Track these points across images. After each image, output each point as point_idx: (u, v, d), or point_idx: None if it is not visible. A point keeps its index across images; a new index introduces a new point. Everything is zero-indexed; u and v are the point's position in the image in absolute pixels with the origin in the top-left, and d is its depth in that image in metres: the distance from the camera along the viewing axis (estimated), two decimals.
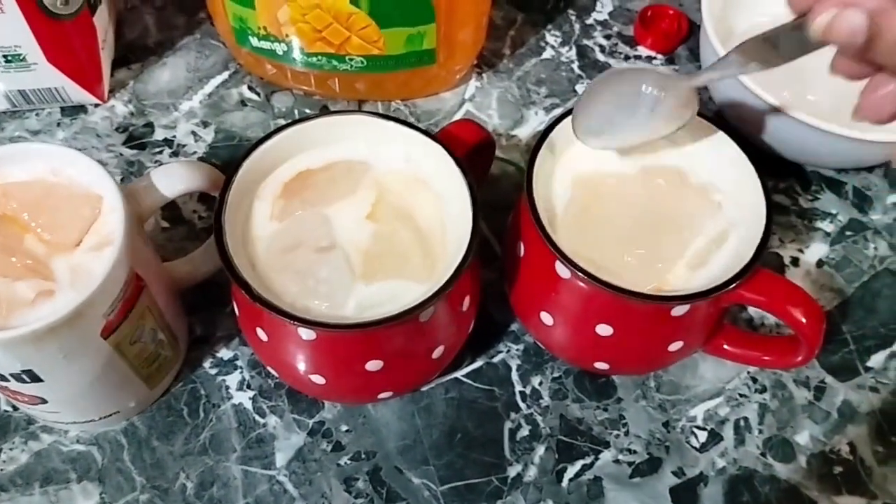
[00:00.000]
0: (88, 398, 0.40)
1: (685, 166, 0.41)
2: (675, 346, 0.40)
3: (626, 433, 0.44)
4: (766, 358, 0.42)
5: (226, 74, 0.56)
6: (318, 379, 0.38)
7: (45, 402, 0.39)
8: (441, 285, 0.35)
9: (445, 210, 0.39)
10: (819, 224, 0.51)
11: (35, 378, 0.36)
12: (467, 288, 0.40)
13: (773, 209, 0.38)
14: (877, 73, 0.30)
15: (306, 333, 0.36)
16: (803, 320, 0.37)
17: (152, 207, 0.39)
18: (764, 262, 0.48)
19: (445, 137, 0.41)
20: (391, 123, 0.40)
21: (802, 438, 0.44)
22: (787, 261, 0.50)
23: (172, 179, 0.39)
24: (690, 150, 0.41)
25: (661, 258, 0.38)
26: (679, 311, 0.37)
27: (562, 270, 0.37)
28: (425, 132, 0.40)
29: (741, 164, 0.39)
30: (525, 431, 0.44)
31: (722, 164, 0.40)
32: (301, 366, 0.38)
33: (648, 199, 0.40)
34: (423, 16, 0.48)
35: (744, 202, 0.39)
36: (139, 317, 0.38)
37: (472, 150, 0.42)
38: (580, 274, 0.36)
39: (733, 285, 0.36)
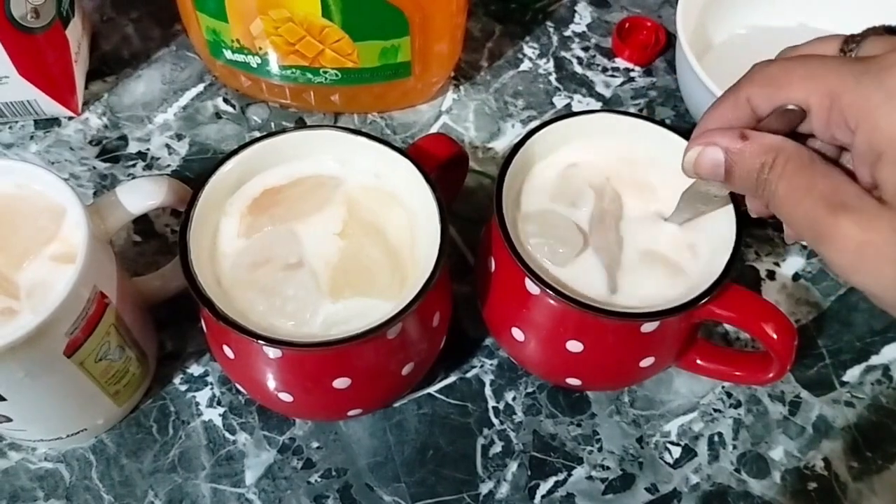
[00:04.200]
0: (54, 416, 0.40)
1: (656, 181, 0.41)
2: (646, 362, 0.40)
3: (600, 449, 0.44)
4: (737, 373, 0.42)
5: (201, 87, 0.56)
6: (286, 396, 0.38)
7: (9, 420, 0.38)
8: (407, 303, 0.34)
9: (415, 225, 0.39)
10: None
11: None
12: (437, 304, 0.39)
13: (746, 223, 0.37)
14: None
15: (272, 352, 0.35)
16: (774, 336, 0.37)
17: (118, 224, 0.38)
18: (740, 276, 0.49)
19: (416, 152, 0.41)
20: (361, 138, 0.40)
21: (777, 454, 0.44)
22: (763, 274, 0.50)
23: (138, 195, 0.38)
24: (662, 164, 0.41)
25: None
26: (649, 327, 0.37)
27: (531, 287, 0.37)
28: (395, 147, 0.39)
29: None
30: (498, 448, 0.44)
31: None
32: (268, 383, 0.38)
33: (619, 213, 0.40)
34: (396, 29, 0.48)
35: (715, 216, 0.39)
36: (104, 334, 0.37)
37: (444, 164, 0.42)
38: (549, 291, 0.36)
39: (703, 301, 0.36)
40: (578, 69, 0.58)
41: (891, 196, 0.27)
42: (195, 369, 0.45)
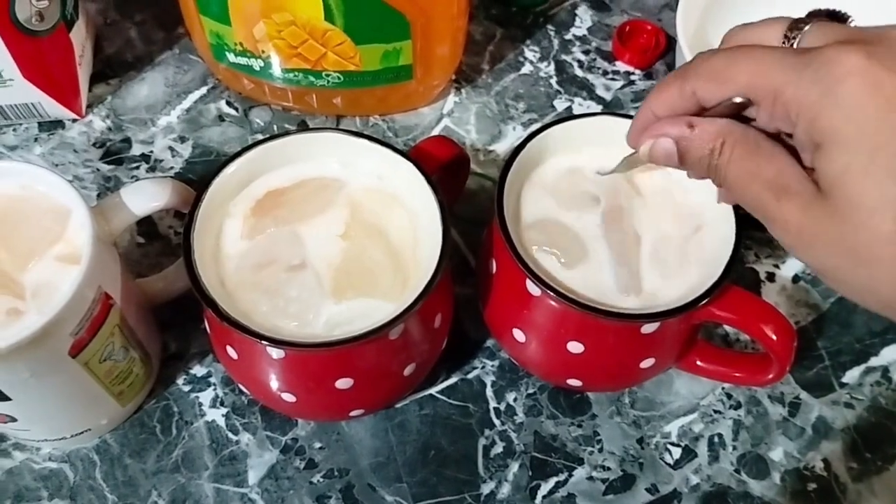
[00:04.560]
0: (59, 416, 0.40)
1: (655, 183, 0.41)
2: (646, 364, 0.40)
3: (601, 450, 0.44)
4: (737, 375, 0.42)
5: (204, 89, 0.56)
6: (289, 397, 0.38)
7: (14, 420, 0.38)
8: (409, 304, 0.35)
9: (418, 227, 0.39)
10: None
11: (3, 397, 0.36)
12: (439, 305, 0.40)
13: (744, 224, 0.38)
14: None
15: (275, 352, 0.36)
16: (774, 338, 0.37)
17: (122, 225, 0.39)
18: (740, 278, 0.49)
19: (418, 154, 0.41)
20: (364, 141, 0.40)
21: (777, 455, 0.44)
22: (763, 276, 0.50)
23: (142, 197, 0.39)
24: (660, 167, 0.41)
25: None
26: (649, 328, 0.37)
27: (532, 288, 0.38)
28: (397, 150, 0.40)
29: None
30: (499, 448, 0.44)
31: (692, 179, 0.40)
32: (271, 384, 0.38)
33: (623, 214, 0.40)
34: (398, 32, 0.48)
35: (715, 218, 0.39)
36: (108, 335, 0.38)
37: (445, 166, 0.42)
38: (550, 292, 0.36)
39: (702, 303, 0.36)
40: (579, 72, 0.58)
41: (824, 183, 0.28)
42: (198, 370, 0.45)
